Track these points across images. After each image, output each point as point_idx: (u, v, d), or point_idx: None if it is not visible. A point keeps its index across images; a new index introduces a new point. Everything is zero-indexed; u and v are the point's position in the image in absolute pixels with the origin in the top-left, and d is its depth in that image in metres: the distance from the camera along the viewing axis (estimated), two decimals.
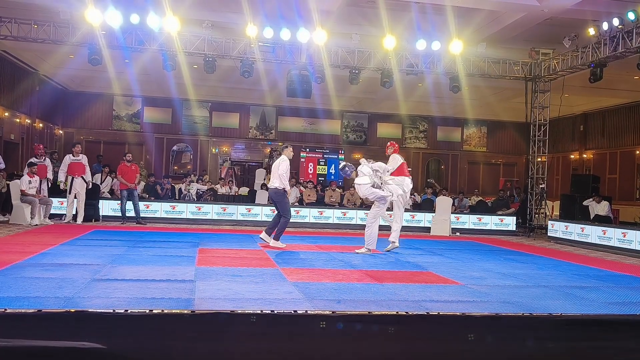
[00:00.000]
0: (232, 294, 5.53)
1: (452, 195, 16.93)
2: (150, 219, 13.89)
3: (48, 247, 8.34)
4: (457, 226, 15.14)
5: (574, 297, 6.20)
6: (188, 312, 2.09)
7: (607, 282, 7.56)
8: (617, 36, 12.79)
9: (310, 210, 15.20)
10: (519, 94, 17.08)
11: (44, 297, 5.04)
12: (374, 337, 2.04)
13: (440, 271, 7.75)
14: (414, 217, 15.21)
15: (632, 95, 18.69)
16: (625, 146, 19.76)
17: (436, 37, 14.23)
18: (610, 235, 11.98)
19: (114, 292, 5.38)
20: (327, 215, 15.13)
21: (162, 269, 6.80)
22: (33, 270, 6.35)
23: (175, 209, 14.48)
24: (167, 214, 14.36)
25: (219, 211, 14.69)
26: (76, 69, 17.32)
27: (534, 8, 12.48)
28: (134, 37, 13.77)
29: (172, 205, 14.57)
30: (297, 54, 14.59)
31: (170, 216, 14.33)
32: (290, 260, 8.16)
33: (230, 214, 14.69)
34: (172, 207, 14.50)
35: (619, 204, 17.93)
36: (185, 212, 14.48)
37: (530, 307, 5.57)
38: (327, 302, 5.35)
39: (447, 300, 5.81)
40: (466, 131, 24.30)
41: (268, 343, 1.94)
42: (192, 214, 14.50)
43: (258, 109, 22.63)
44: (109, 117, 21.80)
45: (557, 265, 9.27)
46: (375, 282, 6.62)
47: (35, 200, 12.07)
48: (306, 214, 15.02)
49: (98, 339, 1.85)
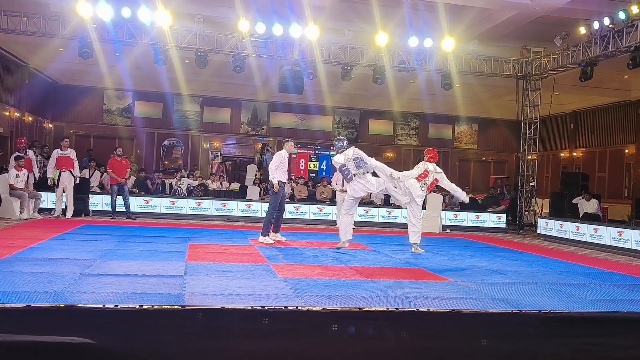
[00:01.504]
0: (222, 289, 5.53)
1: (442, 193, 16.99)
2: (141, 214, 13.85)
3: (37, 242, 8.29)
4: (447, 223, 15.22)
5: (562, 294, 6.25)
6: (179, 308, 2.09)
7: (596, 279, 7.63)
8: (607, 35, 12.86)
9: (302, 206, 15.21)
10: (510, 91, 17.15)
11: (33, 292, 5.01)
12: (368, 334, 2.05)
13: (431, 268, 7.78)
14: None
15: (622, 95, 18.83)
16: (614, 145, 19.90)
17: (428, 34, 14.25)
18: (601, 233, 12.08)
19: (103, 287, 5.36)
20: (318, 211, 15.13)
21: (152, 264, 6.78)
22: (22, 265, 6.31)
23: (175, 204, 14.47)
24: (158, 209, 14.31)
25: (210, 206, 14.65)
26: (67, 62, 17.18)
27: (525, 6, 12.53)
28: (125, 31, 13.68)
29: (171, 200, 14.54)
30: (290, 50, 14.56)
31: (162, 211, 14.29)
32: (281, 256, 8.17)
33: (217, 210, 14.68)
34: (171, 203, 14.48)
35: (607, 202, 18.06)
36: (178, 207, 14.44)
37: (520, 304, 5.61)
38: (317, 298, 5.36)
39: (437, 296, 5.83)
40: (457, 128, 24.37)
41: (262, 339, 1.94)
42: (188, 209, 14.46)
43: (250, 105, 22.58)
44: (99, 111, 21.66)
45: (546, 262, 9.34)
46: (365, 279, 6.63)
47: (24, 194, 11.99)
48: (297, 210, 15.02)
49: (87, 334, 1.84)
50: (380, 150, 23.29)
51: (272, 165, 9.59)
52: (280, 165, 9.66)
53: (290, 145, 10.01)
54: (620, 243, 11.50)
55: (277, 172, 9.57)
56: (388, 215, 15.13)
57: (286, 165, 9.92)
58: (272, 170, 9.56)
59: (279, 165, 9.62)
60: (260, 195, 15.81)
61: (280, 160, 9.67)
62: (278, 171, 9.59)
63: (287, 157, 9.93)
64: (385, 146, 23.70)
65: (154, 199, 14.51)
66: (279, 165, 9.62)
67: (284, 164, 9.76)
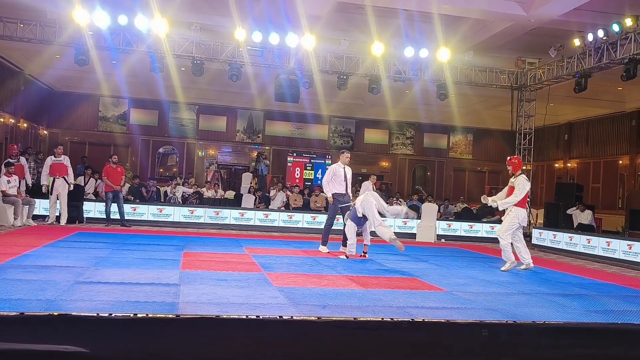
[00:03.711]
0: (216, 298, 5.51)
1: (437, 202, 17.02)
2: (136, 222, 13.80)
3: (31, 249, 8.24)
4: (442, 232, 15.22)
5: (557, 305, 6.25)
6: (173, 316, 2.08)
7: (590, 290, 7.63)
8: (601, 47, 12.98)
9: (296, 214, 15.19)
10: (505, 102, 17.26)
11: (26, 300, 4.98)
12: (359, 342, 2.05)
13: (426, 277, 7.77)
14: (406, 223, 15.25)
15: (616, 106, 18.96)
16: (608, 156, 20.01)
17: (424, 45, 14.34)
18: (595, 244, 12.11)
19: (97, 295, 5.33)
20: (312, 220, 15.11)
21: (147, 272, 6.75)
22: (15, 272, 6.26)
23: (163, 212, 14.39)
24: (154, 216, 14.26)
25: (209, 214, 14.61)
26: (63, 69, 17.19)
27: (520, 18, 12.63)
28: (122, 38, 13.70)
29: (159, 208, 14.46)
30: (286, 59, 14.61)
31: (157, 219, 14.23)
32: (276, 265, 8.14)
33: (218, 218, 14.63)
34: (159, 210, 14.39)
35: (601, 212, 18.14)
36: (173, 215, 14.38)
37: (514, 315, 5.61)
38: (312, 308, 5.34)
39: (432, 306, 5.82)
40: (452, 138, 24.46)
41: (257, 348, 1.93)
42: (182, 217, 14.42)
43: (245, 113, 22.61)
44: (95, 118, 21.64)
45: (540, 273, 9.35)
46: (360, 288, 6.62)
47: (18, 200, 11.92)
48: (291, 219, 15.00)
49: (81, 343, 1.83)
50: (376, 160, 23.36)
51: (324, 181, 9.74)
52: (334, 178, 9.71)
53: (345, 156, 9.94)
54: (609, 253, 11.54)
55: (330, 185, 9.71)
56: None
57: (341, 176, 9.77)
58: (324, 185, 9.72)
59: (330, 179, 9.72)
60: (255, 204, 15.78)
61: (333, 173, 9.75)
62: (331, 184, 9.70)
63: (343, 168, 9.81)
64: (381, 155, 23.75)
65: (150, 206, 14.45)
66: (330, 179, 9.72)
67: (337, 176, 9.73)
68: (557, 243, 13.29)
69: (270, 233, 14.09)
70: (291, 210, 15.60)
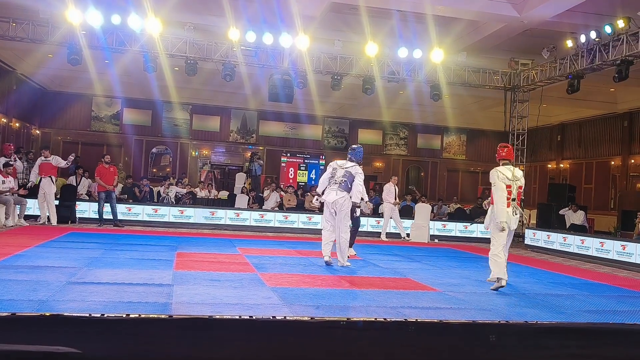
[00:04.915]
0: (210, 298, 5.50)
1: (431, 203, 17.05)
2: (130, 222, 13.75)
3: (22, 249, 8.19)
4: (435, 233, 15.24)
5: (549, 305, 6.28)
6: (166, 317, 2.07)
7: (583, 290, 7.67)
8: (594, 49, 13.04)
9: (291, 215, 15.18)
10: (499, 103, 17.31)
11: (18, 300, 4.95)
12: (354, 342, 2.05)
13: (419, 278, 7.79)
14: None
15: (608, 107, 19.07)
16: (600, 157, 20.12)
17: (418, 45, 14.36)
18: (589, 245, 12.17)
19: (89, 296, 5.31)
20: (307, 220, 15.11)
21: (139, 273, 6.73)
22: (7, 273, 6.23)
23: (158, 212, 14.33)
24: (149, 216, 14.20)
25: (203, 215, 14.57)
26: (55, 68, 17.10)
27: (513, 19, 12.68)
28: (115, 38, 13.65)
29: (154, 208, 14.41)
30: (280, 59, 14.60)
31: (151, 219, 14.19)
32: (269, 266, 8.14)
33: (212, 218, 14.60)
34: (154, 210, 14.34)
35: (594, 213, 18.23)
36: (168, 216, 14.33)
37: (507, 315, 5.63)
38: (305, 308, 5.34)
39: (425, 306, 5.84)
40: (446, 139, 24.52)
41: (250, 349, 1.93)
42: (174, 217, 14.37)
43: (239, 113, 22.58)
44: (87, 118, 21.54)
45: (533, 273, 9.38)
46: (353, 288, 6.62)
47: (10, 200, 11.84)
48: (286, 219, 14.99)
49: (73, 344, 1.82)
50: (370, 160, 23.36)
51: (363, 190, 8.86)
52: None
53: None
54: (603, 254, 11.60)
55: None
56: (376, 224, 15.13)
57: None
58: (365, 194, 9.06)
59: None
60: (248, 204, 15.75)
61: None
62: None
63: None
64: (375, 156, 23.77)
65: (145, 206, 14.40)
66: None
67: None
68: (551, 244, 13.34)
69: (264, 233, 14.08)
70: (286, 211, 15.58)
